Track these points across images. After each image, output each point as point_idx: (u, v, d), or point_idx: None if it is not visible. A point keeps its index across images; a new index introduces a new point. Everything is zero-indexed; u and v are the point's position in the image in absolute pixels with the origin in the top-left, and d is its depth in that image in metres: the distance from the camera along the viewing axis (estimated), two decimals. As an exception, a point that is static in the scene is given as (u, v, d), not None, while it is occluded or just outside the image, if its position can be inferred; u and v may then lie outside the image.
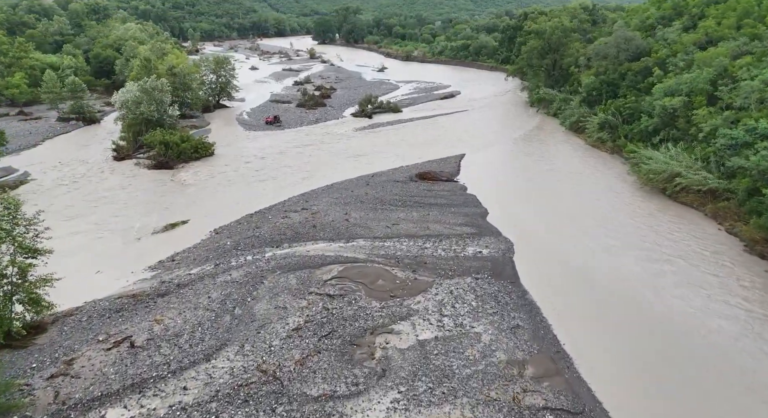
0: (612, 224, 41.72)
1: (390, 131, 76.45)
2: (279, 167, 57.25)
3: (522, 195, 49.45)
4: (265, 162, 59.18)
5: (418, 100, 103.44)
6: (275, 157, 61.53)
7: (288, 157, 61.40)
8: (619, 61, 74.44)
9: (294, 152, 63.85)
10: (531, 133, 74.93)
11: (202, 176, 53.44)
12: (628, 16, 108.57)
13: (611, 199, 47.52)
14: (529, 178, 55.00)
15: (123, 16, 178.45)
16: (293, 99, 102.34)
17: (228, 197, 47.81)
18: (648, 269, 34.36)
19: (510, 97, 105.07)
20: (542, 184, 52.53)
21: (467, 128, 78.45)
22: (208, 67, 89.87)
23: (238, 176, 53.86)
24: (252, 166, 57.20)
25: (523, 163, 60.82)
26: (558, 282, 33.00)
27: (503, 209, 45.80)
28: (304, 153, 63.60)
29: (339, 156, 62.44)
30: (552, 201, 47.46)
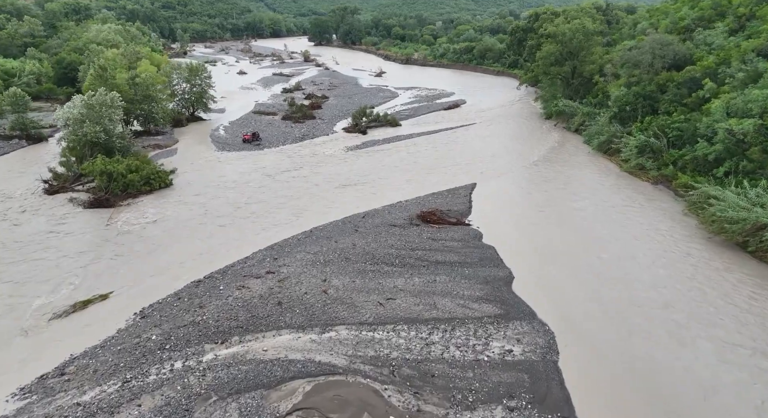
0: (675, 292, 30.93)
1: (387, 152, 65.58)
2: (246, 204, 46.34)
3: (552, 246, 38.61)
4: (230, 197, 48.29)
5: (418, 110, 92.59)
6: (244, 189, 50.61)
7: (260, 190, 50.50)
8: (655, 70, 63.70)
9: (269, 182, 52.94)
10: (551, 154, 64.08)
11: (148, 218, 42.48)
12: (652, 16, 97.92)
13: (669, 252, 36.68)
14: (557, 218, 44.18)
15: (104, 17, 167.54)
16: (279, 110, 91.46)
17: (173, 253, 36.90)
18: (736, 369, 23.57)
19: (521, 108, 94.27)
20: (575, 228, 41.73)
21: (476, 147, 67.61)
22: (181, 75, 78.97)
23: (193, 218, 42.95)
24: (213, 204, 46.27)
25: (547, 196, 50.00)
26: (629, 403, 22.16)
27: (532, 269, 35.00)
28: (281, 183, 52.70)
29: (323, 187, 51.56)
30: (592, 256, 36.63)
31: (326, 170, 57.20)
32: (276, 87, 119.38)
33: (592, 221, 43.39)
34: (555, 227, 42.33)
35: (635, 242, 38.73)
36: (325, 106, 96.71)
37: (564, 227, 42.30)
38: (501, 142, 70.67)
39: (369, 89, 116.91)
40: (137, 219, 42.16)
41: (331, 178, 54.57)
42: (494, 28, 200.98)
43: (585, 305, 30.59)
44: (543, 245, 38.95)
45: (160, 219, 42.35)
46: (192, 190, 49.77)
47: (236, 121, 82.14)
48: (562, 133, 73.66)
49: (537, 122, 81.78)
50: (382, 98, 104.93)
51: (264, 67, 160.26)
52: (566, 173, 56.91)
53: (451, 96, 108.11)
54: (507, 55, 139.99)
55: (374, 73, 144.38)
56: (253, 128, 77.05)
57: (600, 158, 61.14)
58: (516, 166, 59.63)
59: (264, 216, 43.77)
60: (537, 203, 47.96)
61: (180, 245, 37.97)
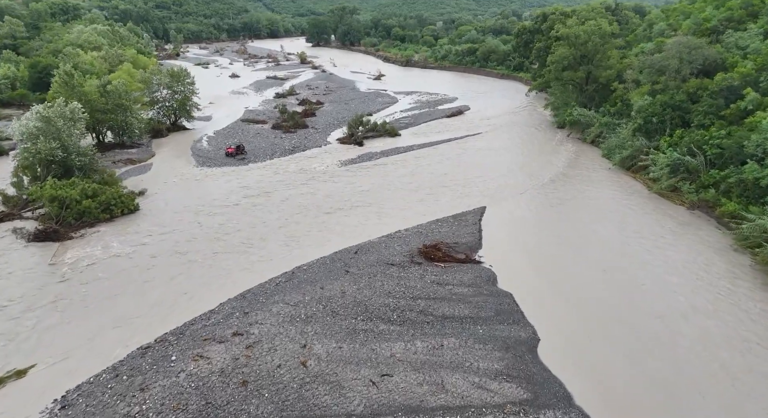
0: (744, 362, 24.47)
1: (384, 167, 59.16)
2: (219, 236, 39.90)
3: (579, 290, 32.21)
4: (203, 226, 41.88)
5: (419, 118, 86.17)
6: (220, 215, 44.20)
7: (238, 216, 44.06)
8: (682, 77, 57.30)
9: (249, 206, 46.48)
10: (567, 170, 57.67)
11: (100, 256, 36.05)
12: (669, 17, 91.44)
13: (723, 301, 30.26)
14: (580, 251, 37.76)
15: (91, 17, 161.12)
16: (270, 117, 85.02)
17: (122, 305, 30.48)
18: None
19: (529, 115, 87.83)
20: (603, 266, 35.30)
21: (483, 162, 61.19)
22: (161, 81, 72.53)
23: (155, 255, 36.54)
24: (181, 235, 39.85)
25: (566, 221, 43.59)
26: None
27: (559, 326, 28.61)
28: (263, 207, 46.28)
29: (311, 212, 45.15)
30: (628, 306, 30.23)
31: (316, 190, 50.78)
32: (269, 91, 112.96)
33: (621, 255, 36.99)
34: (580, 263, 35.91)
35: (678, 285, 32.32)
36: (320, 113, 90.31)
37: (590, 262, 35.88)
38: (511, 155, 64.23)
39: (367, 94, 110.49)
40: (88, 257, 35.70)
41: (320, 200, 48.15)
42: (497, 28, 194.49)
43: (630, 381, 24.17)
44: (568, 289, 32.54)
45: (115, 256, 35.90)
46: (160, 217, 43.33)
47: (222, 131, 75.69)
48: (577, 145, 67.23)
49: (548, 132, 75.35)
50: (381, 104, 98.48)
51: (258, 70, 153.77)
52: (586, 193, 50.53)
53: (453, 102, 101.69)
54: (512, 58, 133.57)
55: (373, 76, 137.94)
56: (239, 139, 70.69)
57: (623, 175, 54.73)
58: (529, 184, 53.21)
59: (239, 252, 37.32)
60: (556, 232, 41.54)
61: (132, 293, 31.51)
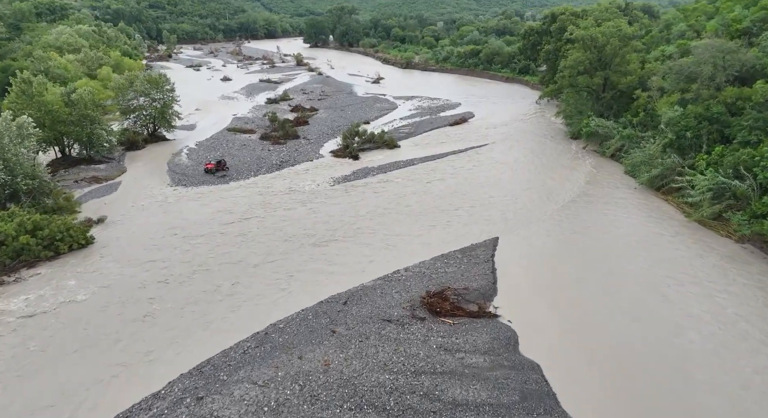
0: None
1: (382, 185, 52.76)
2: (183, 280, 33.46)
3: (622, 359, 25.80)
4: (164, 265, 35.48)
5: (420, 126, 79.74)
6: (189, 248, 37.77)
7: (208, 250, 37.62)
8: (716, 85, 50.95)
9: (224, 237, 40.06)
10: (588, 188, 51.27)
11: (30, 309, 29.62)
12: (690, 18, 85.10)
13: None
14: (614, 296, 31.36)
15: (78, 17, 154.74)
16: (259, 126, 78.64)
17: (38, 386, 24.06)
18: None
19: (539, 124, 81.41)
20: (642, 315, 28.90)
21: (492, 179, 54.80)
22: (137, 88, 66.10)
23: (102, 308, 30.12)
24: (136, 279, 33.40)
25: (593, 257, 37.17)
26: None
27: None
28: (240, 239, 39.85)
29: (295, 245, 38.73)
30: (684, 381, 23.84)
31: (303, 216, 44.36)
32: (261, 96, 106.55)
33: (660, 300, 30.68)
34: (613, 312, 29.52)
35: (733, 344, 25.93)
36: (314, 120, 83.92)
37: (624, 311, 29.50)
38: (522, 170, 57.79)
39: (365, 99, 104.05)
40: (16, 311, 29.29)
41: (307, 228, 41.74)
42: (500, 29, 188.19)
43: None
44: (604, 354, 26.13)
45: (49, 310, 29.50)
46: (116, 253, 36.92)
47: (205, 142, 69.29)
48: (595, 159, 60.79)
49: (561, 143, 68.92)
50: (379, 111, 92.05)
51: (252, 72, 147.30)
52: (612, 218, 44.15)
53: (456, 108, 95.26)
54: (517, 60, 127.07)
55: (371, 79, 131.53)
56: (222, 152, 64.31)
57: (651, 197, 48.33)
58: (546, 207, 46.80)
59: (204, 301, 30.91)
60: (581, 269, 35.14)
61: (58, 367, 25.07)
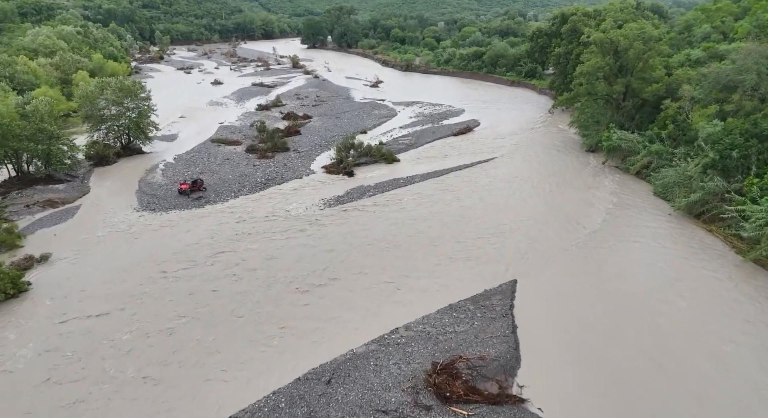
0: None
1: (378, 210, 46.35)
2: (127, 350, 27.06)
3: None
4: (107, 323, 29.11)
5: (422, 137, 73.35)
6: (140, 300, 31.35)
7: (166, 303, 31.23)
8: (761, 96, 44.63)
9: (185, 284, 33.62)
10: (614, 214, 44.87)
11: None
12: (711, 18, 78.71)
13: None
14: (668, 367, 25.02)
15: (63, 17, 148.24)
16: (246, 136, 72.26)
17: None
18: None
19: (550, 134, 74.99)
20: (712, 400, 22.57)
21: (503, 202, 48.41)
22: (109, 97, 59.64)
23: (18, 389, 23.74)
24: (70, 343, 27.03)
25: (635, 309, 30.82)
26: None
27: None
28: (207, 286, 33.44)
29: (271, 292, 32.34)
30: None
31: (285, 250, 37.95)
32: (251, 102, 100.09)
33: (720, 371, 24.42)
34: (665, 390, 23.13)
35: None
36: (307, 129, 77.54)
37: (677, 385, 23.14)
38: (537, 191, 51.40)
39: (362, 105, 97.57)
40: None
41: (289, 268, 35.35)
42: (503, 30, 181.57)
43: None
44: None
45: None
46: (50, 306, 30.52)
47: (184, 156, 62.87)
48: (618, 177, 54.43)
49: (578, 157, 62.52)
50: (377, 118, 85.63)
51: (245, 75, 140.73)
52: (647, 252, 37.85)
53: (460, 115, 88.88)
54: (523, 63, 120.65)
55: (370, 83, 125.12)
56: (202, 167, 57.92)
57: (689, 225, 41.97)
58: (569, 238, 40.44)
59: (148, 381, 24.50)
60: (620, 322, 28.79)
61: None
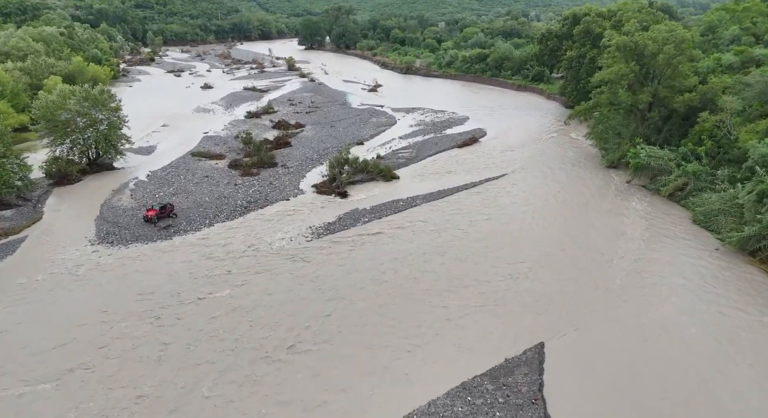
0: None
1: (372, 242, 39.96)
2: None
3: None
4: (33, 400, 22.78)
5: (423, 148, 67.03)
6: (72, 376, 25.01)
7: (98, 383, 24.89)
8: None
9: (131, 352, 27.24)
10: (650, 249, 38.52)
11: None
12: (739, 20, 72.40)
13: None
14: None
15: (47, 18, 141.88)
16: (231, 149, 65.92)
17: None
18: None
19: (563, 145, 68.63)
20: None
21: (518, 230, 42.06)
22: (72, 107, 53.20)
23: None
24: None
25: (689, 379, 24.53)
26: None
27: None
28: (155, 350, 27.11)
29: (241, 361, 26.00)
30: None
31: (258, 300, 31.58)
32: (241, 108, 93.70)
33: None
34: None
35: None
36: (298, 140, 71.23)
37: None
38: (556, 217, 45.03)
39: (360, 112, 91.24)
40: None
41: (266, 325, 28.99)
42: (507, 30, 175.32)
43: None
44: None
45: None
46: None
47: (159, 173, 56.48)
48: (647, 199, 48.07)
49: (597, 174, 56.16)
50: (375, 127, 79.28)
51: (237, 79, 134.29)
52: (697, 298, 31.59)
53: (464, 123, 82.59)
54: (530, 66, 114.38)
55: (368, 87, 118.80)
56: (177, 187, 51.58)
57: (743, 264, 35.67)
58: (601, 280, 34.12)
59: None
60: (679, 401, 22.52)
61: None
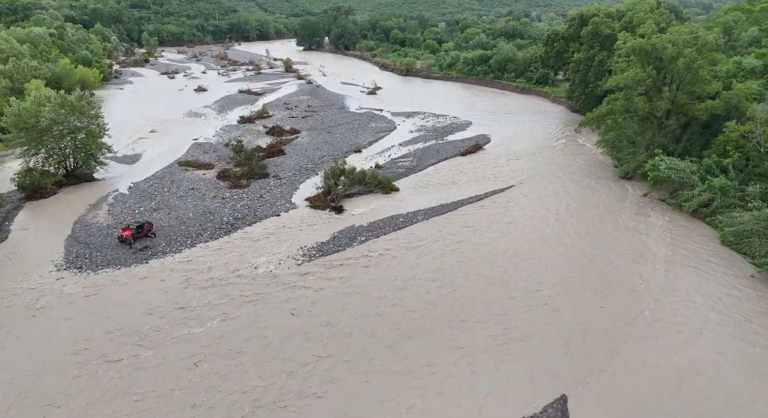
0: None
1: (372, 266, 36.22)
2: None
3: None
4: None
5: (425, 157, 63.30)
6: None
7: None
8: None
9: (83, 409, 23.60)
10: (677, 275, 34.84)
11: None
12: (758, 21, 68.68)
13: None
14: None
15: (38, 18, 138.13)
16: (221, 157, 62.20)
17: None
18: None
19: (572, 153, 64.91)
20: None
21: (529, 254, 38.33)
22: (47, 115, 49.44)
23: None
24: None
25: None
26: None
27: None
28: (126, 400, 23.40)
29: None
30: None
31: (241, 337, 27.85)
32: (235, 112, 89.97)
33: None
34: None
35: None
36: (292, 147, 67.52)
37: None
38: (571, 236, 41.22)
39: (358, 116, 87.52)
40: None
41: (245, 372, 25.23)
42: (509, 31, 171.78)
43: None
44: None
45: None
46: None
47: (142, 184, 52.72)
48: (667, 216, 44.36)
49: (611, 186, 52.44)
50: (374, 133, 75.55)
51: (233, 81, 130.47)
52: (736, 334, 27.90)
53: (467, 128, 78.92)
54: (534, 68, 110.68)
55: (367, 89, 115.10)
56: (159, 200, 47.85)
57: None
58: (626, 314, 30.42)
59: None
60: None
61: None
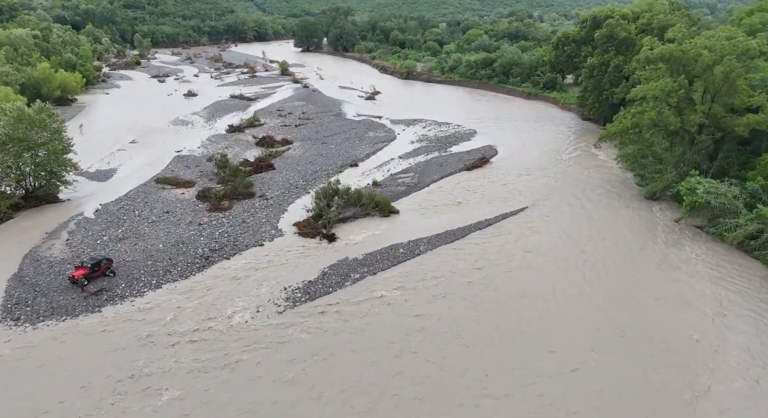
0: None
1: (368, 314, 30.65)
2: None
3: None
4: None
5: (427, 172, 57.70)
6: None
7: None
8: None
9: None
10: (729, 327, 29.36)
11: None
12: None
13: None
14: None
15: (22, 19, 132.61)
16: (203, 173, 56.60)
17: None
18: None
19: (588, 167, 59.32)
20: None
21: (552, 293, 32.79)
22: (6, 129, 43.86)
23: None
24: None
25: None
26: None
27: None
28: None
29: None
30: None
31: (209, 409, 22.40)
32: (224, 120, 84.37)
33: None
34: None
35: None
36: (283, 161, 61.93)
37: None
38: (599, 274, 35.66)
39: (355, 124, 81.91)
40: None
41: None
42: (512, 32, 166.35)
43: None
44: None
45: None
46: None
47: (112, 206, 47.09)
48: (705, 247, 38.82)
49: (637, 209, 46.82)
50: (372, 144, 69.93)
51: (225, 85, 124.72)
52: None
53: (471, 138, 73.41)
54: (541, 72, 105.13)
55: (366, 94, 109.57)
56: (127, 226, 42.23)
57: None
58: (676, 390, 24.95)
59: None
60: None
61: None
